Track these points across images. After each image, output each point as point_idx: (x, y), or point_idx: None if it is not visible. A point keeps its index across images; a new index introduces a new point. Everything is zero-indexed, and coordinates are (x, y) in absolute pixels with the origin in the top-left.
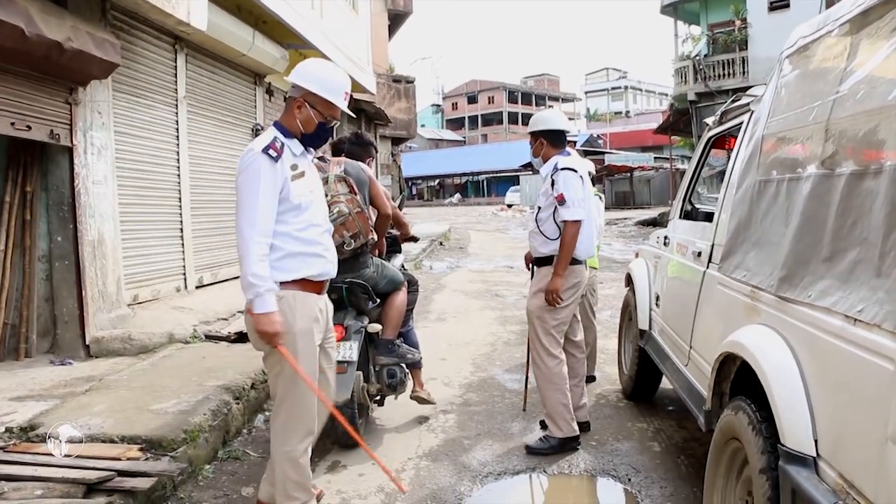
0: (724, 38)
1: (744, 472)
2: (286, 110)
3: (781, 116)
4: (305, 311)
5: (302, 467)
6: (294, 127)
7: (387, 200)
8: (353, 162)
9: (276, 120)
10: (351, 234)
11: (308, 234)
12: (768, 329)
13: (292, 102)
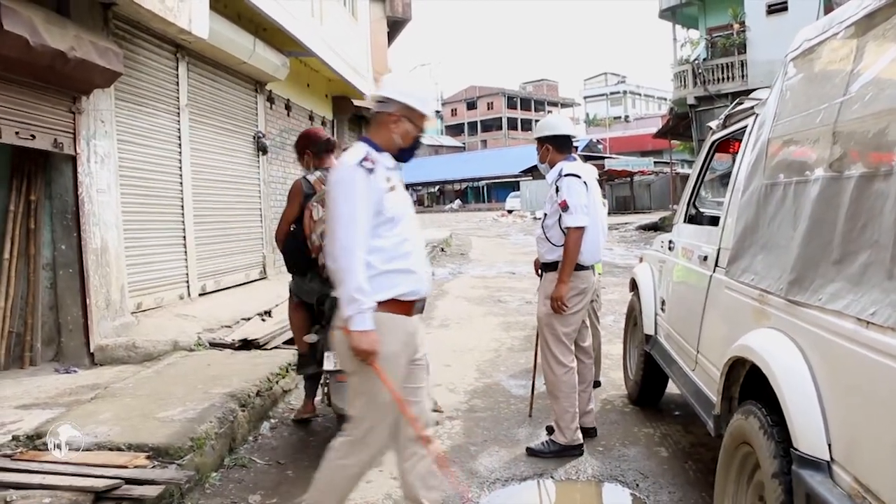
0: (723, 41)
1: (755, 476)
2: (377, 125)
3: (787, 120)
4: (394, 335)
5: (348, 482)
6: (386, 141)
7: None
8: None
9: (364, 136)
10: None
11: (402, 248)
12: (778, 333)
13: (387, 118)
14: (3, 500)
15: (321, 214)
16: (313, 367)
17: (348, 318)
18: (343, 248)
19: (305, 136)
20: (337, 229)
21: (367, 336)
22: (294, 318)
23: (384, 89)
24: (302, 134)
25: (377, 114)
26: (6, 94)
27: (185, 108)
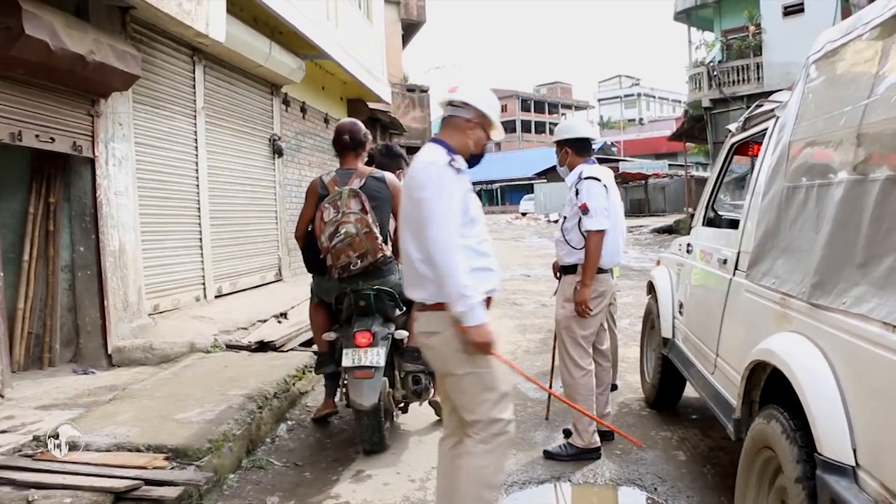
0: (739, 43)
1: (777, 481)
2: (452, 129)
3: (809, 122)
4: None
5: (495, 478)
6: (461, 145)
7: None
8: (378, 174)
9: (436, 137)
10: (357, 254)
11: (483, 246)
12: (800, 337)
13: (464, 123)
14: (26, 499)
15: (331, 216)
16: (332, 366)
17: (462, 314)
18: (442, 247)
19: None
20: (432, 229)
21: (484, 329)
22: (314, 317)
23: (464, 95)
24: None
25: (452, 118)
26: (27, 98)
27: (202, 111)
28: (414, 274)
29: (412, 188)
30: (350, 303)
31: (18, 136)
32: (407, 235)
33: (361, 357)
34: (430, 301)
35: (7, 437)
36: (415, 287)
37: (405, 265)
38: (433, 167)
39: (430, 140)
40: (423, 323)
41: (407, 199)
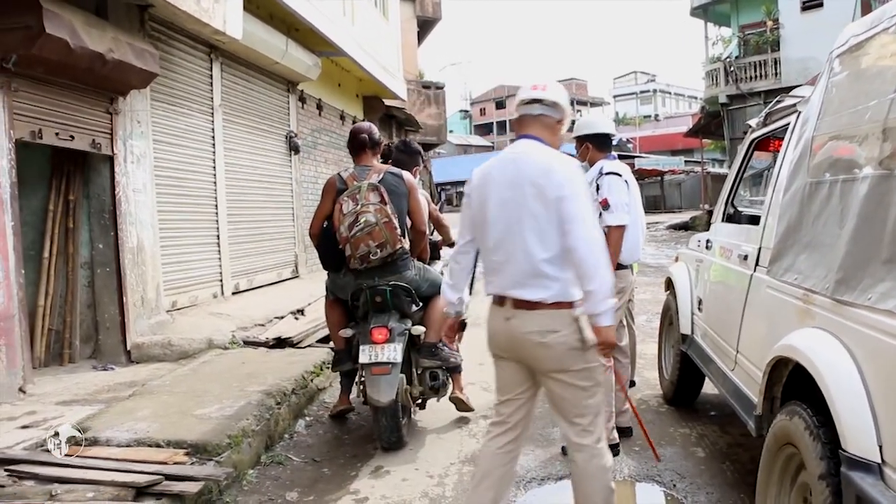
0: (756, 39)
1: (799, 477)
2: (543, 128)
3: (833, 117)
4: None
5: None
6: (553, 144)
7: (425, 216)
8: (394, 171)
9: (531, 135)
10: (377, 243)
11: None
12: (824, 333)
13: (556, 123)
14: (49, 493)
15: (350, 209)
16: (349, 363)
17: (603, 314)
18: (593, 247)
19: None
20: (582, 228)
21: (613, 329)
22: (330, 314)
23: (557, 95)
24: (353, 131)
25: (542, 116)
26: (47, 96)
27: (219, 108)
28: (530, 273)
29: (547, 188)
30: (366, 299)
31: (39, 133)
32: (528, 235)
33: (378, 353)
34: (550, 300)
35: (29, 433)
36: (531, 287)
37: (512, 264)
38: (572, 165)
39: (523, 137)
40: (540, 322)
41: (533, 197)
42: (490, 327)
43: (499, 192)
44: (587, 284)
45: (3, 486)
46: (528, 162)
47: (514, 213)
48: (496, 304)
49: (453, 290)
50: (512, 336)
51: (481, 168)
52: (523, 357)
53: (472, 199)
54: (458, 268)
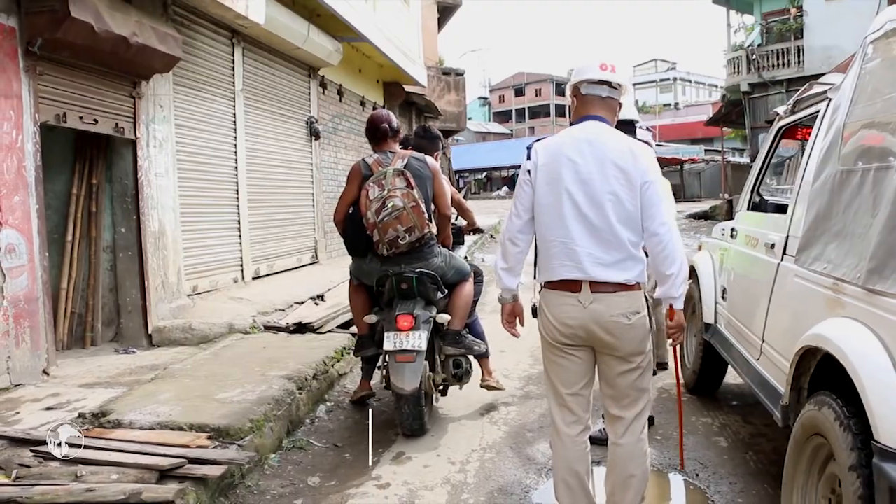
0: (779, 26)
1: (827, 468)
2: (609, 110)
3: (866, 104)
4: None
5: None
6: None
7: (449, 199)
8: (418, 155)
9: (601, 116)
10: (405, 228)
11: None
12: (855, 322)
13: (618, 106)
14: (74, 475)
15: (377, 194)
16: (372, 348)
17: (679, 297)
18: (675, 231)
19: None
20: (665, 213)
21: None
22: (354, 299)
23: (623, 77)
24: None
25: (611, 99)
26: (71, 80)
27: (241, 94)
28: (617, 255)
29: (632, 172)
30: (392, 285)
31: (63, 117)
32: (612, 216)
33: (403, 341)
34: (632, 281)
35: (53, 414)
36: (616, 269)
37: (593, 246)
38: (650, 151)
39: (589, 118)
40: (625, 304)
41: (616, 179)
42: (559, 316)
43: (576, 171)
44: (668, 268)
45: (29, 467)
46: (608, 144)
47: (597, 194)
48: (566, 290)
49: (511, 274)
50: (595, 321)
51: (545, 146)
52: (603, 342)
53: (539, 177)
54: (516, 250)
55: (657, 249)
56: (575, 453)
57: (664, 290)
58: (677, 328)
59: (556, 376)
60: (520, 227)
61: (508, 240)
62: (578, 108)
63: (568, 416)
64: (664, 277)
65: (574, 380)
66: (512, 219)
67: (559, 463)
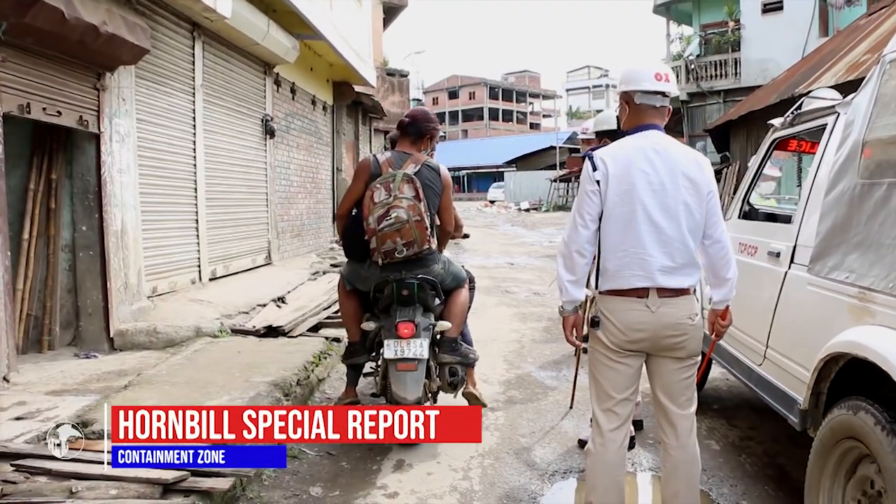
0: (717, 38)
1: (858, 470)
2: (662, 118)
3: (890, 120)
4: None
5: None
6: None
7: (453, 215)
8: (432, 164)
9: (658, 125)
10: (404, 241)
11: None
12: (891, 331)
13: (667, 112)
14: (69, 490)
15: (382, 198)
16: (364, 355)
17: (732, 300)
18: (727, 237)
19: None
20: (723, 222)
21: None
22: (346, 306)
23: (675, 86)
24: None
25: (664, 108)
26: (35, 69)
27: (200, 89)
28: (684, 262)
29: (700, 182)
30: (392, 291)
31: (27, 108)
32: (683, 225)
33: (404, 349)
34: (692, 286)
35: (25, 424)
36: (683, 275)
37: (665, 254)
38: (708, 161)
39: (648, 127)
40: (688, 307)
41: (686, 189)
42: (627, 321)
43: (649, 182)
44: (727, 273)
45: (14, 483)
46: (676, 154)
47: (672, 205)
48: (632, 297)
49: (577, 286)
50: (663, 324)
51: (611, 155)
52: (667, 345)
53: (610, 188)
54: (583, 262)
55: (720, 255)
56: (617, 458)
57: (723, 293)
58: (728, 326)
59: (609, 381)
60: (588, 237)
61: (576, 252)
62: (632, 116)
63: (614, 421)
64: (724, 281)
65: (626, 384)
66: (578, 229)
67: (599, 469)
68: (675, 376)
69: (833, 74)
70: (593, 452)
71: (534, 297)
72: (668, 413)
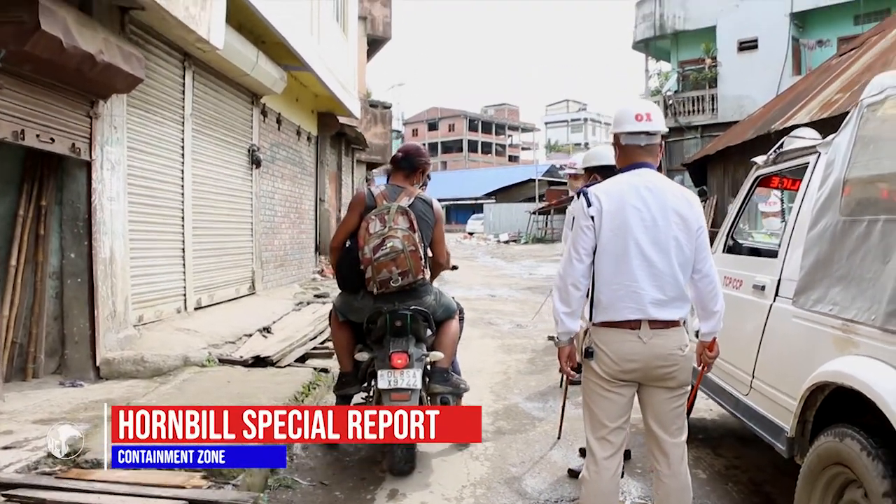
0: (695, 75)
1: (845, 495)
2: (655, 157)
3: (869, 161)
4: None
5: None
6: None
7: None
8: (425, 197)
9: (650, 164)
10: (399, 271)
11: None
12: (874, 360)
13: (659, 150)
14: None
15: (377, 229)
16: (356, 386)
17: (719, 331)
18: (715, 273)
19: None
20: (711, 258)
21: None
22: (339, 337)
23: (659, 123)
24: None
25: (650, 145)
26: (31, 96)
27: (190, 118)
28: (675, 295)
29: (690, 218)
30: (385, 322)
31: (21, 134)
32: (674, 260)
33: (398, 379)
34: (682, 319)
35: (14, 454)
36: (673, 308)
37: (656, 288)
38: (697, 198)
39: (639, 165)
40: (677, 338)
41: (676, 225)
42: (620, 352)
43: (643, 219)
44: (715, 305)
45: None
46: (666, 192)
47: (663, 240)
48: (625, 329)
49: (572, 318)
50: (655, 355)
51: (605, 192)
52: (659, 375)
53: (604, 224)
54: (578, 294)
55: (707, 288)
56: (611, 486)
57: (711, 326)
58: (715, 357)
59: (603, 411)
60: (583, 271)
61: (571, 285)
62: (622, 155)
63: (608, 449)
64: (711, 314)
65: (619, 413)
66: (573, 263)
67: (594, 496)
68: (666, 406)
69: (807, 112)
70: (588, 480)
71: (517, 329)
72: (660, 442)
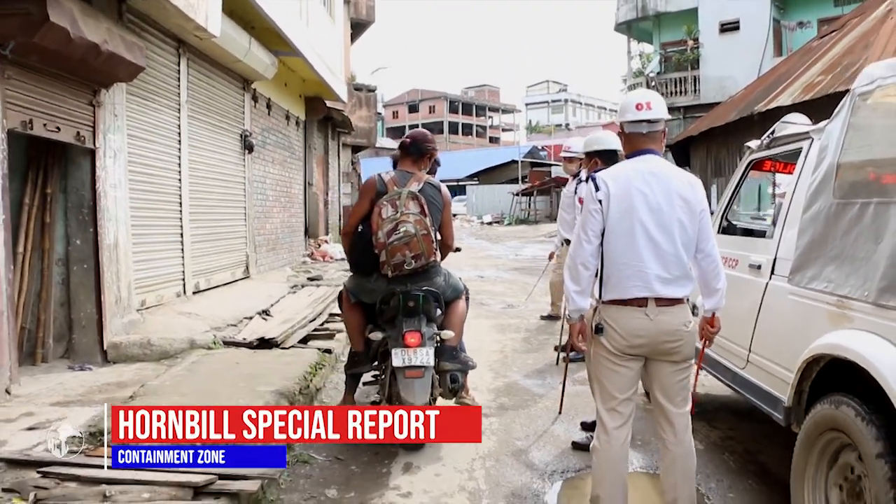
0: (677, 56)
1: (840, 458)
2: (659, 144)
3: (861, 147)
4: None
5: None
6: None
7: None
8: (434, 182)
9: (655, 150)
10: (413, 254)
11: None
12: (868, 334)
13: (662, 136)
14: (102, 494)
15: (390, 214)
16: (367, 364)
17: (722, 307)
18: (718, 252)
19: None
20: (714, 237)
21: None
22: (351, 317)
23: (659, 111)
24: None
25: (652, 132)
26: (38, 86)
27: (185, 105)
28: (679, 274)
29: (693, 201)
30: (399, 303)
31: (29, 124)
32: (678, 241)
33: (412, 357)
34: (686, 296)
35: (38, 434)
36: (678, 286)
37: (662, 267)
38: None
39: (644, 152)
40: (682, 315)
41: (681, 208)
42: (628, 328)
43: (648, 202)
44: (718, 283)
45: (46, 489)
46: (671, 177)
47: (668, 222)
48: (633, 306)
49: (582, 296)
50: (661, 331)
51: (612, 177)
52: (665, 350)
53: (611, 207)
54: (587, 273)
55: (710, 267)
56: (621, 454)
57: (714, 302)
58: (717, 332)
59: (613, 383)
60: (591, 251)
61: (581, 264)
62: (626, 143)
63: (618, 419)
64: (714, 291)
65: (628, 385)
66: (583, 244)
67: (605, 464)
68: (671, 378)
69: (790, 94)
70: (599, 449)
71: (509, 309)
72: (667, 412)
